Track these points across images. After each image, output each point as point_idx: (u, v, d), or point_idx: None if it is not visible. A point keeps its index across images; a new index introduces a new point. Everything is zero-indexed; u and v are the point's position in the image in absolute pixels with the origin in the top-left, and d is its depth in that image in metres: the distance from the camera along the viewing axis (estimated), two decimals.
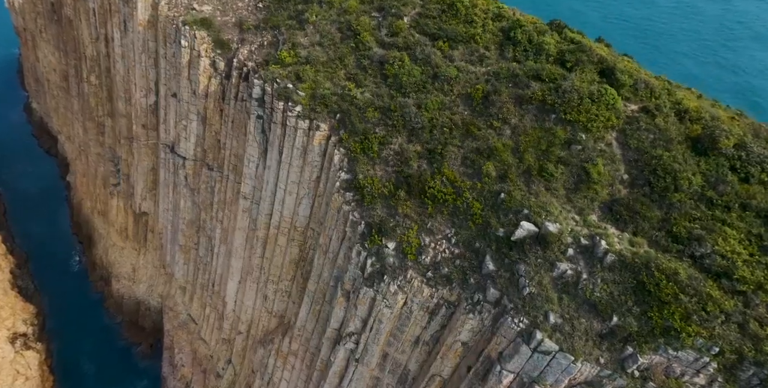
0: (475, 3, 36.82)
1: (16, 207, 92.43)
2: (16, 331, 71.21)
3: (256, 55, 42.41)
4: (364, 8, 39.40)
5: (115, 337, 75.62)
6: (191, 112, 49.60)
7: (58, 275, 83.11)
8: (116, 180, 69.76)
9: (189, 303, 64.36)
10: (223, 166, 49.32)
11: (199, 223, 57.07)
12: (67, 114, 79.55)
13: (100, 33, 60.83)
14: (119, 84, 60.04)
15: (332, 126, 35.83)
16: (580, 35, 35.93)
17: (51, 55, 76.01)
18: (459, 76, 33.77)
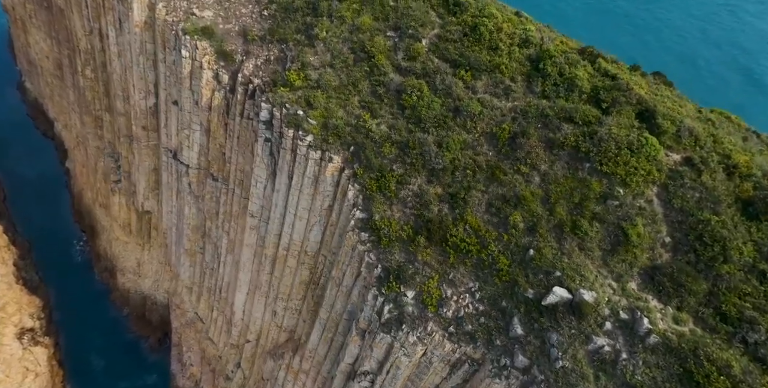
0: (499, 26, 34.13)
1: (16, 193, 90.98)
2: (23, 326, 71.11)
3: (263, 71, 40.02)
4: (379, 26, 36.74)
5: (122, 330, 75.71)
6: (194, 122, 47.52)
7: (62, 265, 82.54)
8: (117, 177, 68.00)
9: (196, 303, 63.91)
10: (228, 179, 47.65)
11: (204, 229, 55.85)
12: (63, 103, 76.96)
13: (93, 27, 57.79)
14: (116, 83, 57.54)
15: (345, 158, 34.04)
16: (615, 66, 33.46)
17: (43, 42, 72.80)
18: (483, 112, 31.66)
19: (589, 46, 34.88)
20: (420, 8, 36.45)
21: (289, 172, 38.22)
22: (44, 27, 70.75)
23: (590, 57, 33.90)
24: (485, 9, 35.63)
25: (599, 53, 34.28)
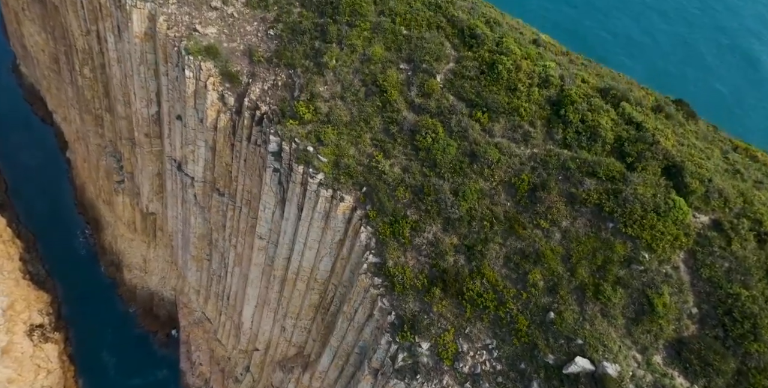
0: (518, 65, 32.66)
1: (18, 182, 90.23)
2: (33, 323, 71.83)
3: (270, 97, 38.76)
4: (391, 57, 35.26)
5: (131, 324, 76.43)
6: (198, 139, 46.49)
7: (68, 257, 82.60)
8: (120, 177, 67.17)
9: (204, 305, 64.31)
10: (235, 196, 47.00)
11: (210, 238, 55.56)
12: (61, 96, 75.28)
13: (91, 29, 55.82)
14: (116, 87, 56.01)
15: (357, 198, 33.37)
16: (639, 111, 32.08)
17: (37, 35, 70.55)
18: (501, 159, 30.70)
19: (612, 87, 33.33)
20: (434, 40, 34.89)
21: (299, 203, 37.60)
22: (38, 20, 68.41)
23: (613, 100, 32.52)
24: (503, 43, 34.08)
25: (623, 96, 32.79)
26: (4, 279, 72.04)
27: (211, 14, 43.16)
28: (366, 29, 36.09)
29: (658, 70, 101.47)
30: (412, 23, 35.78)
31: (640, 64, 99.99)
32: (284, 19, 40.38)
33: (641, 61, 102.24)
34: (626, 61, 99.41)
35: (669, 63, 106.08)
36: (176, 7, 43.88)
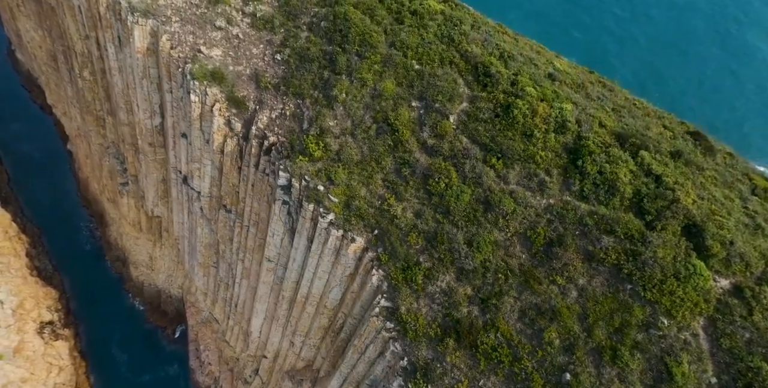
0: (534, 109, 31.84)
1: (19, 174, 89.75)
2: (42, 320, 72.73)
3: (278, 127, 38.03)
4: (402, 93, 34.36)
5: (140, 319, 77.40)
6: (204, 158, 45.94)
7: (74, 251, 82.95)
8: (124, 179, 66.67)
9: (211, 306, 64.98)
10: (243, 215, 46.77)
11: (217, 248, 55.60)
12: (60, 92, 73.94)
13: (90, 35, 54.29)
14: (118, 95, 54.94)
15: (369, 240, 33.22)
16: (659, 162, 31.32)
17: (33, 32, 68.73)
18: (516, 210, 30.31)
19: (630, 132, 32.50)
20: (447, 77, 33.92)
21: (309, 236, 37.45)
22: (34, 17, 66.50)
23: (632, 148, 31.79)
24: (518, 82, 33.15)
25: (641, 144, 32.00)
26: (12, 277, 72.52)
27: (216, 34, 41.89)
28: (376, 62, 35.07)
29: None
30: (424, 58, 34.74)
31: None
32: (291, 44, 39.20)
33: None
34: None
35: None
36: (179, 25, 42.58)
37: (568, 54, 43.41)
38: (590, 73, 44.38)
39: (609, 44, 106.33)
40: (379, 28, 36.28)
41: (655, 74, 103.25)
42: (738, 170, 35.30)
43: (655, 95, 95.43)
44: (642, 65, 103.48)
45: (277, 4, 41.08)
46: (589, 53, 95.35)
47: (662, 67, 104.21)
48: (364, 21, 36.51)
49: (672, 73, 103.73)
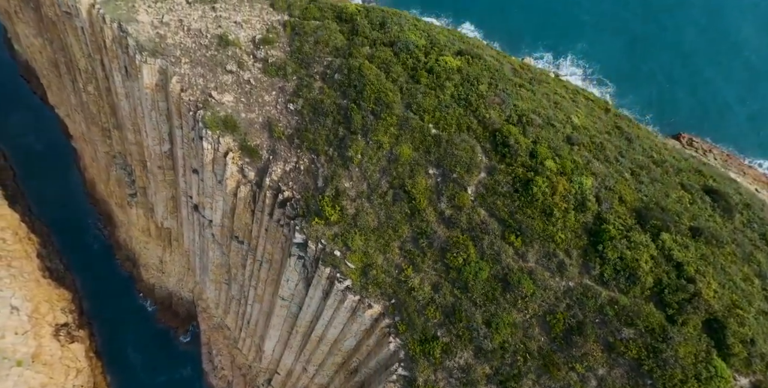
0: (554, 186, 31.60)
1: (25, 169, 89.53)
2: (57, 322, 74.40)
3: (293, 181, 37.91)
4: (419, 159, 34.04)
5: (152, 318, 79.07)
6: (217, 195, 45.94)
7: (84, 250, 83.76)
8: (132, 190, 66.68)
9: (223, 316, 66.35)
10: (255, 250, 47.14)
11: (229, 268, 56.27)
12: (63, 97, 72.79)
13: (94, 57, 53.05)
14: (125, 117, 54.28)
15: (386, 307, 33.76)
16: (680, 248, 31.25)
17: (33, 38, 66.99)
18: (535, 293, 30.61)
19: (650, 208, 32.29)
20: (464, 145, 33.50)
21: (325, 290, 37.96)
22: (33, 25, 64.65)
23: (652, 230, 31.71)
24: (536, 154, 32.78)
25: (661, 226, 31.79)
26: (25, 282, 73.70)
27: (227, 78, 41.07)
28: (393, 124, 34.59)
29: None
30: (441, 122, 34.26)
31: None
32: (305, 95, 38.53)
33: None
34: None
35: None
36: (189, 67, 41.72)
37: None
38: (606, 112, 43.81)
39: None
40: (394, 86, 35.59)
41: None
42: (755, 231, 35.48)
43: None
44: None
45: (289, 49, 40.12)
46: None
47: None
48: (379, 77, 35.78)
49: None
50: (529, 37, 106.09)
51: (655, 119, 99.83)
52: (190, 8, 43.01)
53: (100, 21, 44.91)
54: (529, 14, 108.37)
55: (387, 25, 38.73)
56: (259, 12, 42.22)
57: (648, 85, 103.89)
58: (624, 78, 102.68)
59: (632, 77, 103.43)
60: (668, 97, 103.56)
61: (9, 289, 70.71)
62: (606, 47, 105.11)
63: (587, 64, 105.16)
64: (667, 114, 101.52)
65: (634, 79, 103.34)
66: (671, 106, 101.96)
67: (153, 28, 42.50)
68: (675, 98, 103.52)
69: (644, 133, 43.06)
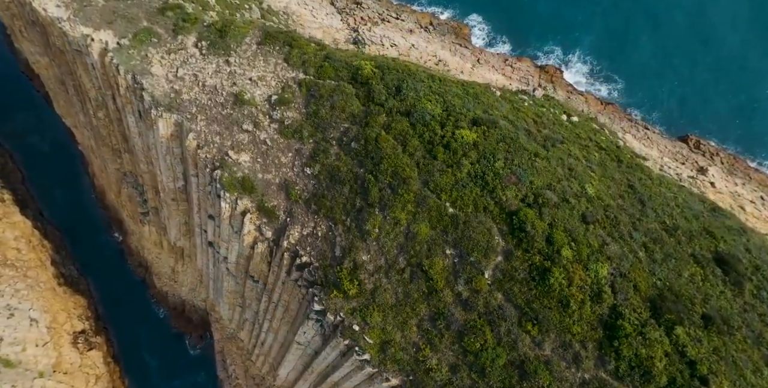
0: (571, 277, 32.51)
1: (33, 172, 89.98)
2: (75, 330, 76.78)
3: (311, 246, 38.79)
4: (436, 238, 34.80)
5: (166, 323, 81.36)
6: (233, 241, 46.79)
7: (96, 254, 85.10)
8: (144, 209, 67.48)
9: (237, 330, 68.40)
10: (272, 293, 48.33)
11: (243, 295, 57.69)
12: (70, 111, 72.50)
13: (105, 93, 52.84)
14: (138, 151, 54.52)
15: (404, 381, 35.22)
16: (693, 342, 32.21)
17: (39, 56, 66.18)
18: (552, 384, 31.89)
19: (665, 299, 33.19)
20: (481, 228, 34.15)
21: (342, 352, 39.36)
22: (39, 45, 63.75)
23: (666, 323, 32.73)
24: (553, 241, 33.48)
25: (675, 319, 32.74)
26: (42, 291, 75.62)
27: (243, 137, 41.28)
28: (410, 201, 35.18)
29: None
30: (458, 202, 34.83)
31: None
32: (321, 160, 38.90)
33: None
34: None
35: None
36: (205, 124, 41.88)
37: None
38: (618, 163, 44.23)
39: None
40: (411, 161, 35.98)
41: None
42: (765, 301, 36.60)
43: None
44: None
45: (305, 111, 40.18)
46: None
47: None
48: (396, 150, 36.11)
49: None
50: (538, 29, 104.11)
51: (662, 118, 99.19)
52: (204, 61, 42.73)
53: (113, 70, 44.67)
54: (539, 6, 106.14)
55: (403, 91, 38.67)
56: (273, 67, 41.99)
57: (657, 82, 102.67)
58: (633, 74, 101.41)
59: (641, 74, 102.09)
60: (677, 95, 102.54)
61: (27, 301, 72.66)
62: (616, 42, 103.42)
63: (595, 60, 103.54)
64: (676, 113, 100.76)
65: (643, 75, 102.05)
66: (680, 105, 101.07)
67: (168, 82, 42.38)
68: (684, 96, 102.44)
69: (656, 185, 43.51)
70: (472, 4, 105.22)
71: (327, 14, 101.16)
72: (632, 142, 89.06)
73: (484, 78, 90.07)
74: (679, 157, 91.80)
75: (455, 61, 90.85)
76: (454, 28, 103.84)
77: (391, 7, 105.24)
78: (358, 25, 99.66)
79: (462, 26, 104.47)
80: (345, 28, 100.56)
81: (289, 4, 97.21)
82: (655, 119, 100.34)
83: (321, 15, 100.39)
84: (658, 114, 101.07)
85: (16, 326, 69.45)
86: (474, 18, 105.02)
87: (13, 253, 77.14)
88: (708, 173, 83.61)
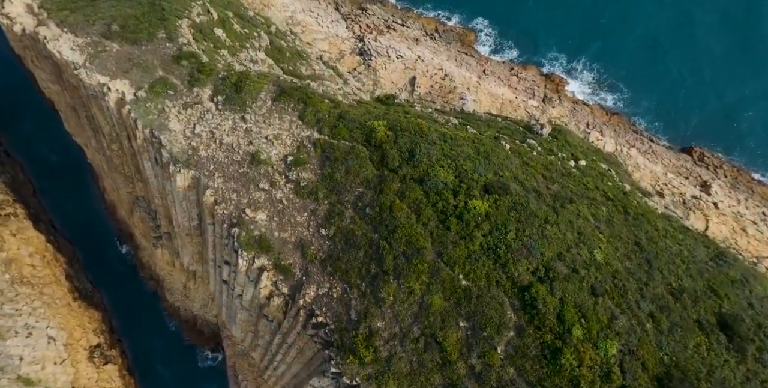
0: (581, 358, 33.91)
1: (44, 184, 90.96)
2: (91, 344, 79.00)
3: (326, 307, 40.22)
4: (450, 310, 36.17)
5: (178, 334, 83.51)
6: (248, 286, 48.21)
7: (109, 266, 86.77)
8: (157, 234, 68.73)
9: (250, 349, 70.42)
10: (286, 335, 49.94)
11: (256, 326, 59.44)
12: (82, 133, 73.10)
13: (120, 134, 53.61)
14: (153, 190, 55.55)
15: None
16: None
17: (51, 84, 66.57)
18: None
19: (672, 377, 34.52)
20: (493, 302, 35.47)
21: None
22: (51, 73, 64.08)
23: None
24: (564, 320, 34.81)
25: None
26: (58, 308, 77.56)
27: (259, 195, 42.33)
28: (424, 272, 36.45)
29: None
30: (471, 275, 36.07)
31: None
32: (336, 223, 40.05)
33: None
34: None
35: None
36: (222, 181, 42.88)
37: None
38: (625, 215, 45.32)
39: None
40: (425, 230, 37.12)
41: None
42: (766, 365, 38.15)
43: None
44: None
45: (320, 172, 41.15)
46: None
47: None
48: (410, 220, 37.23)
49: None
50: (543, 36, 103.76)
51: (666, 129, 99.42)
52: (221, 117, 43.49)
53: (131, 122, 45.45)
54: (544, 13, 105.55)
55: (416, 156, 39.53)
56: (288, 125, 42.78)
57: (662, 91, 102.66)
58: (638, 83, 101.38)
59: (646, 83, 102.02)
60: (683, 105, 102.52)
61: (44, 319, 74.62)
62: (621, 50, 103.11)
63: (602, 68, 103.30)
64: (680, 123, 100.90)
65: (648, 84, 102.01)
66: (684, 115, 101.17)
67: (185, 138, 43.23)
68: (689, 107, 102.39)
69: (661, 236, 44.65)
70: (478, 8, 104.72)
71: (332, 21, 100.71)
72: (637, 157, 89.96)
73: (490, 93, 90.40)
74: (683, 171, 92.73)
75: (461, 76, 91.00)
76: (460, 34, 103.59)
77: (396, 13, 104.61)
78: (364, 34, 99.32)
79: (468, 32, 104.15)
80: (350, 37, 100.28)
81: (294, 14, 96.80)
82: (660, 129, 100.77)
83: (326, 22, 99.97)
84: (663, 124, 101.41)
85: (35, 344, 71.51)
86: (480, 21, 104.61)
87: (29, 270, 78.82)
88: (711, 190, 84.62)
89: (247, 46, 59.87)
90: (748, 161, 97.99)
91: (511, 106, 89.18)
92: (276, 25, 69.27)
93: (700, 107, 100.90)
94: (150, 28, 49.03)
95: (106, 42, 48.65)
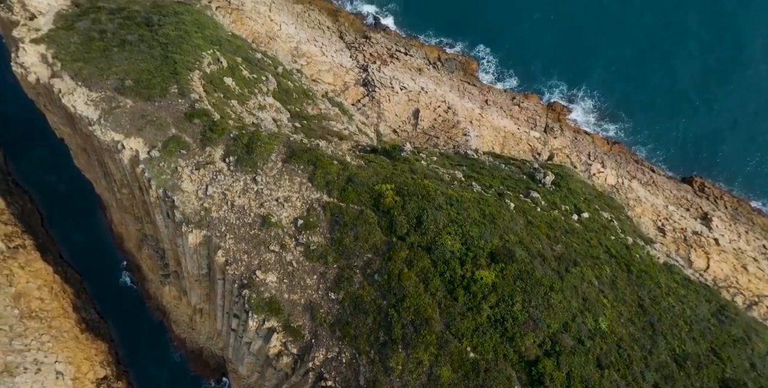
0: None
1: (52, 212, 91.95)
2: (98, 377, 79.89)
3: (335, 371, 41.14)
4: (458, 382, 37.06)
5: (184, 365, 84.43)
6: (257, 340, 49.07)
7: (115, 296, 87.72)
8: (165, 272, 69.71)
9: (256, 386, 71.31)
10: (295, 385, 50.84)
11: (263, 370, 60.37)
12: (92, 171, 74.10)
13: (132, 184, 54.63)
14: (164, 238, 56.48)
15: None
16: None
17: (61, 126, 67.60)
18: None
19: None
20: (501, 377, 36.38)
21: None
22: (64, 118, 65.10)
23: None
24: None
25: None
26: (66, 342, 78.49)
27: (269, 257, 43.29)
28: (432, 343, 37.38)
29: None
30: (479, 347, 37.00)
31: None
32: (345, 287, 41.00)
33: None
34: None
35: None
36: (233, 242, 43.84)
37: None
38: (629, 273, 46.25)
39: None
40: (433, 301, 38.08)
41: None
42: None
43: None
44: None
45: (330, 237, 42.10)
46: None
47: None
48: (418, 289, 38.18)
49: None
50: (543, 63, 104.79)
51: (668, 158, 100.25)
52: (232, 178, 44.47)
53: (145, 181, 46.43)
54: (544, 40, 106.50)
55: (423, 223, 40.53)
56: (298, 187, 43.76)
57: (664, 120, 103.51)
58: (639, 112, 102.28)
59: (648, 111, 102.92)
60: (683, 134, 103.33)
61: (53, 354, 75.57)
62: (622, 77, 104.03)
63: (602, 97, 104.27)
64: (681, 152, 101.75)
65: (650, 113, 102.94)
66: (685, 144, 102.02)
67: (198, 199, 44.21)
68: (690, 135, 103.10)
69: (664, 294, 45.58)
70: (479, 35, 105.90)
71: (337, 51, 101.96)
72: (638, 189, 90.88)
73: (493, 127, 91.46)
74: (684, 203, 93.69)
75: (464, 108, 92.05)
76: (462, 63, 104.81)
77: (399, 41, 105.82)
78: (368, 63, 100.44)
79: (470, 61, 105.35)
80: (355, 67, 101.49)
81: (299, 44, 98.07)
82: (661, 158, 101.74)
83: (331, 51, 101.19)
84: (664, 153, 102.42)
85: (44, 380, 72.46)
86: (481, 49, 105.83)
87: (37, 303, 79.82)
88: (712, 224, 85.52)
89: (255, 91, 60.93)
90: (748, 189, 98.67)
91: (514, 140, 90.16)
92: (283, 65, 70.32)
93: (702, 137, 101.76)
94: (163, 83, 50.04)
95: (120, 97, 49.66)
